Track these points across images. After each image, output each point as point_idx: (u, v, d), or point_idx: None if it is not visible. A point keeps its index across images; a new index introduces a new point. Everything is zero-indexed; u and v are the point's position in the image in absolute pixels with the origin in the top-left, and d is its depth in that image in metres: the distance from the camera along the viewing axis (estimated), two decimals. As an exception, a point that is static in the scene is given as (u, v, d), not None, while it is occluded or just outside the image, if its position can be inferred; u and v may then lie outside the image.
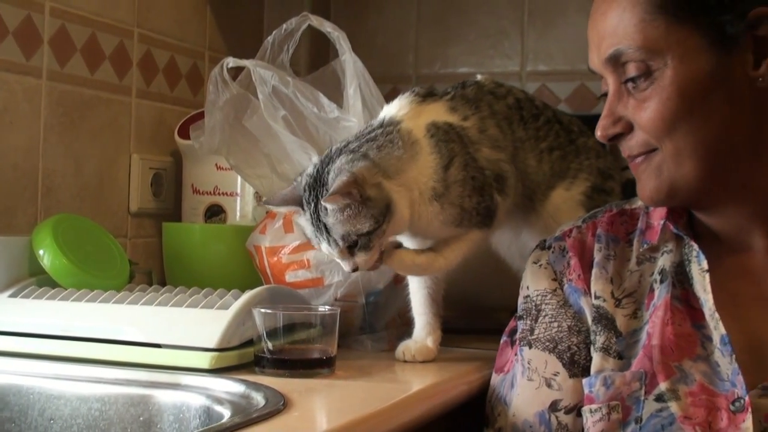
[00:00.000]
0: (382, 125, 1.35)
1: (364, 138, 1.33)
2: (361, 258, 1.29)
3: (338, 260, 1.32)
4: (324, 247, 1.31)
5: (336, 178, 1.26)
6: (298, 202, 1.32)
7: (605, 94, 1.20)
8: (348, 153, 1.31)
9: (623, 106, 1.17)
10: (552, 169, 1.44)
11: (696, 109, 1.12)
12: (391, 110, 1.39)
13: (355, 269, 1.31)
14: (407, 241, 1.39)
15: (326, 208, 1.27)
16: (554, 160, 1.45)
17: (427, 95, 1.40)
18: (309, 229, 1.32)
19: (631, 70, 1.14)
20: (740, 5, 1.11)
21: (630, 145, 1.18)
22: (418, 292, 1.44)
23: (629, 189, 1.33)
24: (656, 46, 1.12)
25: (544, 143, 1.44)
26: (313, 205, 1.29)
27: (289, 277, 1.53)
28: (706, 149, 1.13)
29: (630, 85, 1.15)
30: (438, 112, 1.38)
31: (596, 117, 1.21)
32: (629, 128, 1.17)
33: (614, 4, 1.15)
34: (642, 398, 1.15)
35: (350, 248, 1.29)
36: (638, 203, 1.28)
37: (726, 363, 1.12)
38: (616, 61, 1.15)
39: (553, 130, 1.46)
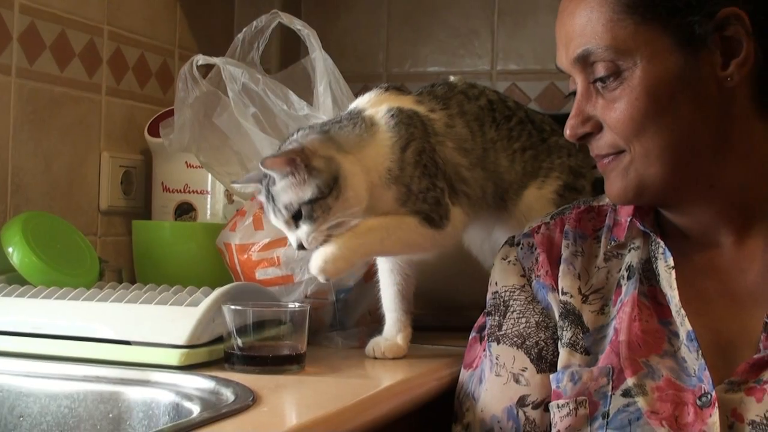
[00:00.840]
0: (349, 113, 1.38)
1: (330, 122, 1.37)
2: (303, 230, 1.29)
3: (287, 235, 1.33)
4: (273, 219, 1.33)
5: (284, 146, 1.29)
6: (260, 180, 1.34)
7: (573, 93, 1.20)
8: (307, 129, 1.34)
9: (592, 105, 1.17)
10: (524, 169, 1.45)
11: (664, 109, 1.13)
12: (360, 102, 1.41)
13: (300, 246, 1.31)
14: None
15: (272, 176, 1.29)
16: (527, 159, 1.45)
17: (394, 89, 1.42)
18: (264, 203, 1.34)
19: (600, 70, 1.14)
20: (708, 6, 1.11)
21: (599, 145, 1.18)
22: (388, 288, 1.45)
23: (599, 187, 1.34)
24: (625, 46, 1.12)
25: (516, 143, 1.45)
26: (268, 178, 1.31)
27: (260, 274, 1.53)
28: (674, 150, 1.14)
29: (599, 84, 1.15)
30: (403, 102, 1.40)
31: (565, 116, 1.22)
32: (598, 128, 1.18)
33: (582, 4, 1.16)
34: (609, 393, 1.15)
35: (295, 219, 1.30)
36: (606, 200, 1.29)
37: (693, 359, 1.13)
38: (584, 61, 1.16)
39: (526, 130, 1.47)
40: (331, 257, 1.29)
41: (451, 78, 1.48)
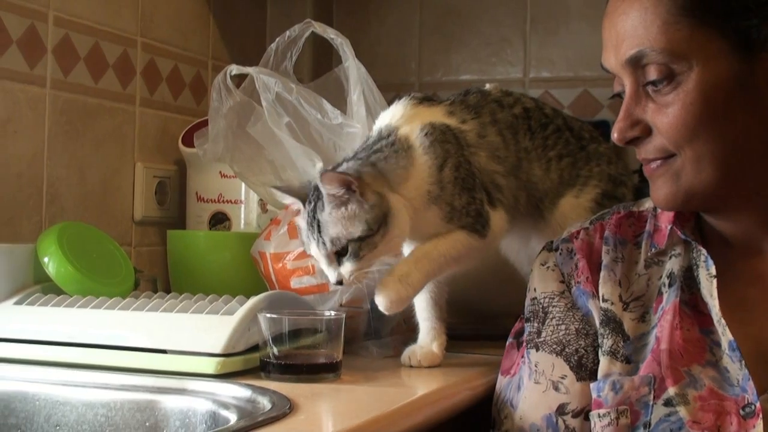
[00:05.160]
0: (381, 136, 1.36)
1: (370, 149, 1.34)
2: (347, 267, 1.28)
3: (324, 269, 1.31)
4: (313, 249, 1.31)
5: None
6: (302, 198, 1.33)
7: (618, 95, 1.18)
8: (356, 160, 1.32)
9: (641, 109, 1.15)
10: (561, 177, 1.43)
11: (718, 114, 1.10)
12: (386, 118, 1.39)
13: (339, 282, 1.30)
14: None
15: (321, 202, 1.27)
16: (563, 167, 1.44)
17: (424, 100, 1.41)
18: (304, 229, 1.32)
19: (652, 73, 1.12)
20: (766, 10, 1.09)
21: (647, 149, 1.16)
22: (420, 296, 1.43)
23: (640, 196, 1.32)
24: (680, 49, 1.10)
25: (552, 152, 1.43)
26: (313, 203, 1.30)
27: (294, 283, 1.53)
28: (726, 156, 1.12)
29: (650, 88, 1.13)
30: (435, 115, 1.39)
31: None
32: (647, 132, 1.15)
33: (636, 4, 1.13)
34: (651, 403, 1.14)
35: (338, 255, 1.29)
36: (646, 205, 1.28)
37: (736, 369, 1.11)
38: (636, 63, 1.13)
39: (563, 138, 1.45)
40: (396, 295, 1.30)
41: (487, 86, 1.47)
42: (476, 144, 1.38)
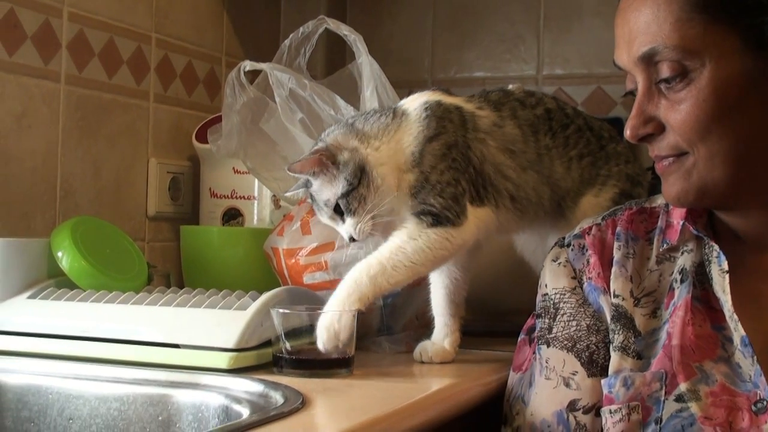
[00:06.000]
0: (383, 108, 1.42)
1: (358, 115, 1.41)
2: (348, 223, 1.33)
3: (338, 230, 1.36)
4: (320, 216, 1.37)
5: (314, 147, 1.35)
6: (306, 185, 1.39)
7: (630, 92, 1.18)
8: (333, 126, 1.39)
9: (654, 106, 1.14)
10: (581, 176, 1.43)
11: (731, 111, 1.10)
12: (403, 100, 1.42)
13: (351, 239, 1.34)
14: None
15: (309, 180, 1.34)
16: (584, 166, 1.43)
17: (444, 91, 1.41)
18: (312, 204, 1.39)
19: (665, 70, 1.11)
20: None
21: (660, 146, 1.15)
22: (436, 291, 1.44)
23: (654, 194, 1.32)
24: (693, 46, 1.09)
25: (573, 151, 1.42)
26: (307, 180, 1.36)
27: (307, 278, 1.53)
28: (739, 153, 1.11)
29: (663, 85, 1.13)
30: (450, 99, 1.39)
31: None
32: (660, 129, 1.15)
33: (649, 1, 1.12)
34: (662, 398, 1.14)
35: (339, 214, 1.34)
36: (658, 201, 1.28)
37: (748, 364, 1.11)
38: (648, 60, 1.13)
39: (584, 138, 1.44)
40: (327, 335, 1.27)
41: (510, 86, 1.47)
42: (488, 131, 1.38)
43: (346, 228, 1.34)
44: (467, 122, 1.37)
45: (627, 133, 1.17)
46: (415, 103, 1.38)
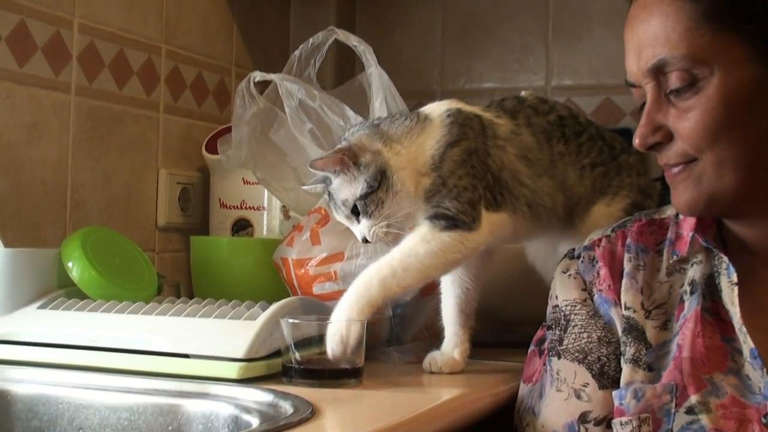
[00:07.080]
0: (408, 112, 1.41)
1: (384, 117, 1.41)
2: (363, 224, 1.33)
3: (353, 230, 1.37)
4: (335, 215, 1.37)
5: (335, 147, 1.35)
6: (324, 179, 1.38)
7: (642, 106, 1.17)
8: (358, 125, 1.39)
9: (663, 114, 1.14)
10: (594, 185, 1.42)
11: (740, 119, 1.10)
12: (425, 107, 1.42)
13: (365, 240, 1.34)
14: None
15: (331, 179, 1.34)
16: (596, 176, 1.43)
17: (462, 102, 1.42)
18: (328, 202, 1.38)
19: (675, 80, 1.12)
20: None
21: (668, 155, 1.15)
22: (447, 301, 1.44)
23: (663, 204, 1.31)
24: (702, 55, 1.10)
25: (586, 159, 1.42)
26: (327, 178, 1.36)
27: (317, 289, 1.53)
28: (748, 160, 1.11)
29: (672, 94, 1.13)
30: (469, 107, 1.40)
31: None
32: (669, 137, 1.15)
33: (657, 11, 1.13)
34: (673, 411, 1.14)
35: (355, 215, 1.34)
36: (667, 213, 1.27)
37: (757, 376, 1.11)
38: (658, 71, 1.13)
39: (596, 147, 1.44)
40: (343, 336, 1.27)
41: (523, 93, 1.47)
42: (507, 138, 1.38)
43: (360, 228, 1.34)
44: (487, 129, 1.37)
45: (636, 141, 1.17)
46: (438, 110, 1.38)
